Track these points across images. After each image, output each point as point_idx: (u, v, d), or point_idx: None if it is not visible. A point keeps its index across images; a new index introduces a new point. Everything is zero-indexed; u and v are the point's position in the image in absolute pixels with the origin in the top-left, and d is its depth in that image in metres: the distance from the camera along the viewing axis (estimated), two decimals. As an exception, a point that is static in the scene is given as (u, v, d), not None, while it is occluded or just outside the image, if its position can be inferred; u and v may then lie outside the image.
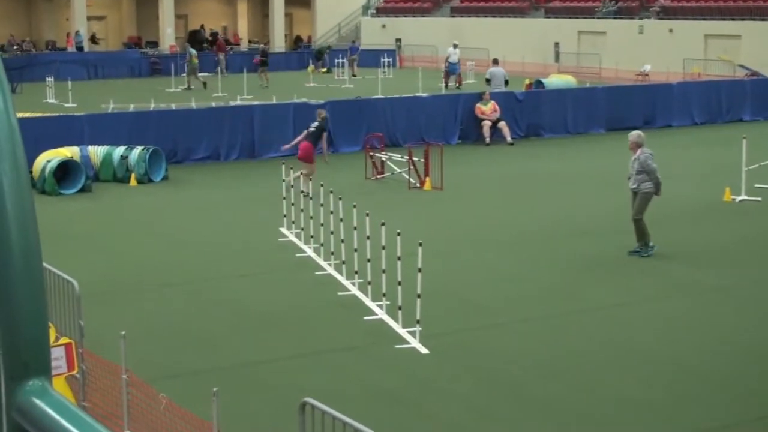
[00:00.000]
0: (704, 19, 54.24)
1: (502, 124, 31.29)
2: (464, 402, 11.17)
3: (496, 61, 39.65)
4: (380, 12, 73.02)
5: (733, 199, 21.91)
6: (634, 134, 17.68)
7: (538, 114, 33.11)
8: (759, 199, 22.01)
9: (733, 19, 52.86)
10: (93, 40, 68.09)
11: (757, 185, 22.84)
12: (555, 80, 42.32)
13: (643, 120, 34.79)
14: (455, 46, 49.11)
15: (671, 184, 24.09)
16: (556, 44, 60.85)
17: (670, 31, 55.14)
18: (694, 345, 13.00)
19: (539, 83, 41.48)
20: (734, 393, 11.37)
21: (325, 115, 23.80)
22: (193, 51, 51.29)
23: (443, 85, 47.96)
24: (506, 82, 36.75)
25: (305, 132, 23.17)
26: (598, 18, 59.48)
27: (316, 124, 23.24)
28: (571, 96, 34.55)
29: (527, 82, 43.31)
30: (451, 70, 49.08)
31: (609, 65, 55.67)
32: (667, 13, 56.71)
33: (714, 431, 10.48)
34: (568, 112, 33.58)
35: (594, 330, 13.63)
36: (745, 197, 21.96)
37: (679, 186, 23.90)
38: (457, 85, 48.48)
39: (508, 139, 31.04)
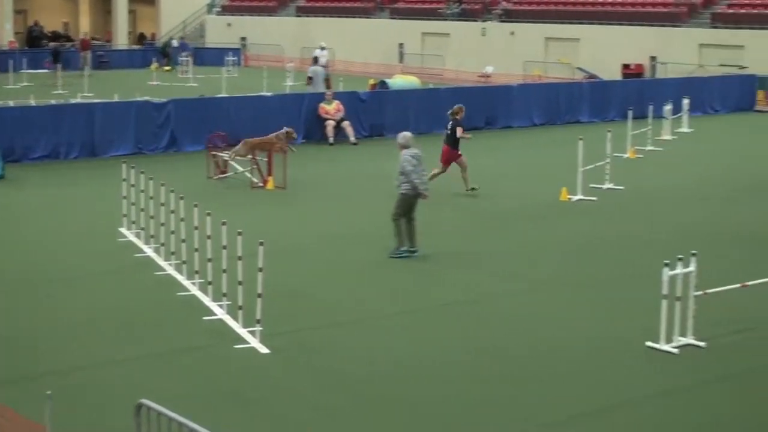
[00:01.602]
0: (544, 23, 55.41)
1: (345, 124, 31.43)
2: (307, 401, 11.17)
3: (316, 60, 39.93)
4: (225, 10, 72.51)
5: (570, 199, 22.44)
6: (399, 136, 17.84)
7: (382, 114, 33.31)
8: (594, 198, 22.59)
9: (572, 23, 54.12)
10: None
11: (592, 185, 23.46)
12: (399, 81, 42.61)
13: (484, 121, 35.39)
14: (323, 48, 48.58)
15: (510, 183, 24.67)
16: (401, 45, 61.32)
17: (512, 33, 56.15)
18: (534, 340, 13.26)
19: (383, 83, 41.75)
20: (571, 387, 11.64)
21: (458, 116, 23.14)
22: None
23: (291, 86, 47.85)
24: (326, 80, 37.86)
25: (444, 134, 23.29)
26: (442, 20, 60.18)
27: (450, 123, 23.09)
28: (415, 96, 34.87)
29: (371, 82, 43.53)
30: (317, 72, 48.68)
31: (452, 66, 56.46)
32: (509, 16, 57.71)
33: (553, 426, 10.72)
34: (411, 113, 33.85)
35: (436, 328, 13.79)
36: (582, 197, 22.51)
37: (518, 185, 24.42)
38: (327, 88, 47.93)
39: (352, 138, 31.19)
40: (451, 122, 23.01)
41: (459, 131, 22.81)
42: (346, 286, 15.76)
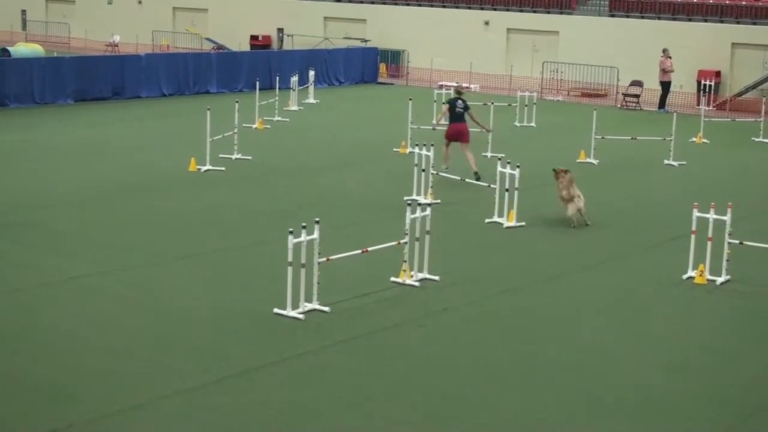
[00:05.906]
0: (172, -9, 55.05)
1: (-36, 94, 30.06)
2: None
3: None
4: None
5: (199, 169, 22.50)
6: None
7: (4, 83, 32.07)
8: (223, 168, 22.76)
9: (200, -7, 54.08)
10: None
11: (222, 155, 23.63)
12: (22, 48, 41.18)
13: (112, 91, 34.84)
14: None
15: (140, 154, 24.42)
16: (23, 11, 59.22)
17: (140, 2, 55.39)
18: (160, 312, 13.21)
19: (5, 51, 40.20)
20: (197, 358, 11.71)
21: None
22: None
23: None
24: None
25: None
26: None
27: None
28: (38, 65, 33.72)
29: (-9, 50, 41.84)
30: None
31: (78, 35, 55.10)
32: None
33: (180, 394, 10.74)
34: (36, 82, 32.84)
35: (57, 302, 13.52)
36: (210, 167, 22.63)
37: (147, 156, 24.23)
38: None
39: (-28, 109, 29.88)
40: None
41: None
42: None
